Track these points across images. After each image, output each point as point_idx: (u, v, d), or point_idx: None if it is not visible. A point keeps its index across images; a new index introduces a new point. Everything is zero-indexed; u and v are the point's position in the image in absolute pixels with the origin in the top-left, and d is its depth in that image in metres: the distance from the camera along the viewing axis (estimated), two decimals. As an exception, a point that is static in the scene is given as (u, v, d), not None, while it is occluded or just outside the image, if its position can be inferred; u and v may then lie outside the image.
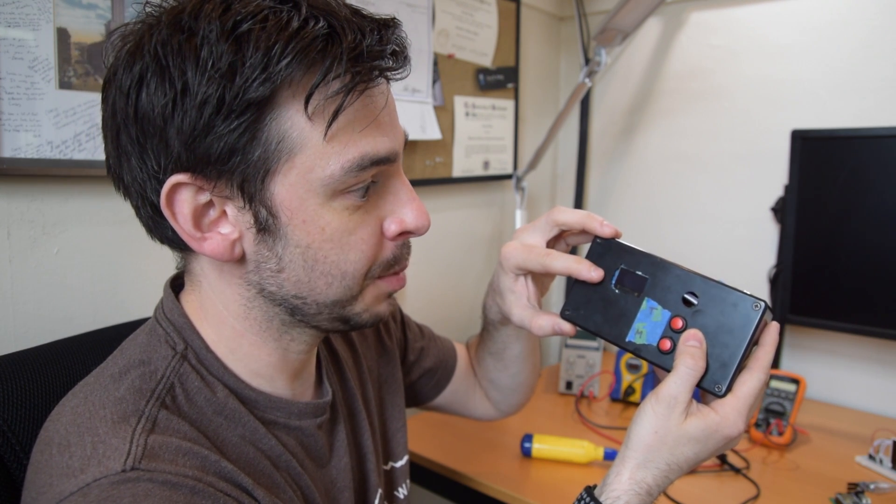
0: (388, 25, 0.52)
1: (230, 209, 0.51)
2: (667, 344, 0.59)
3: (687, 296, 0.59)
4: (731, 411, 0.56)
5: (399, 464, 0.80)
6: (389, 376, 0.83)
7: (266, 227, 0.51)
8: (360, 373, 0.77)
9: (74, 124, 0.83)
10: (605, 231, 0.64)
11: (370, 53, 0.49)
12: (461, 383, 0.93)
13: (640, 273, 0.61)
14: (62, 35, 0.81)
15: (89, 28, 0.83)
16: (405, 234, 0.58)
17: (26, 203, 0.82)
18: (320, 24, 0.48)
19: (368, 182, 0.53)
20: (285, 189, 0.50)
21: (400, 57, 0.53)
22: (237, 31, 0.46)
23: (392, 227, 0.56)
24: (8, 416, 0.59)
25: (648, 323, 0.60)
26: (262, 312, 0.56)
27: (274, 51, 0.46)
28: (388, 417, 0.81)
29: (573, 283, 0.65)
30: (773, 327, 0.58)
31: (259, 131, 0.48)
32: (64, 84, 0.82)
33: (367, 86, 0.50)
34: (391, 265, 0.58)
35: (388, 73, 0.53)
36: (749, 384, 0.56)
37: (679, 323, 0.58)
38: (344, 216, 0.53)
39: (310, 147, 0.50)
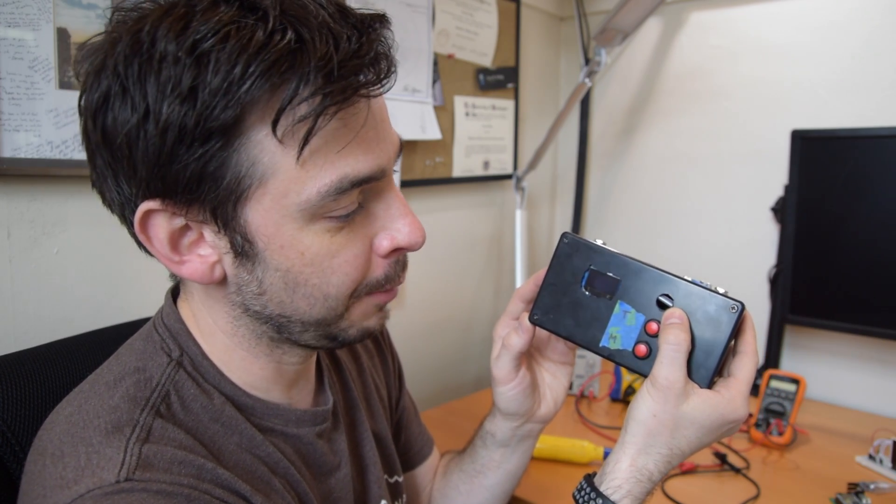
0: (370, 27, 0.48)
1: (207, 233, 0.50)
2: (642, 349, 0.57)
3: (661, 298, 0.56)
4: (737, 395, 0.54)
5: (402, 478, 0.79)
6: (391, 400, 0.82)
7: (243, 252, 0.49)
8: (365, 383, 0.76)
9: (74, 124, 0.83)
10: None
11: (344, 68, 0.45)
12: (419, 479, 0.86)
13: (611, 274, 0.58)
14: (62, 35, 0.81)
15: (89, 28, 0.83)
16: (398, 251, 0.55)
17: (26, 203, 0.82)
18: (288, 37, 0.44)
19: (355, 207, 0.50)
20: (259, 215, 0.48)
21: (382, 65, 0.48)
22: (197, 50, 0.43)
23: (384, 244, 0.53)
24: (8, 416, 0.59)
25: (622, 327, 0.58)
26: (249, 330, 0.55)
27: (234, 72, 0.43)
28: (392, 431, 0.79)
29: (541, 286, 0.62)
30: (748, 315, 0.56)
31: (227, 158, 0.45)
32: (64, 84, 0.82)
33: (339, 107, 0.46)
34: (381, 285, 0.55)
35: (365, 90, 0.47)
36: (748, 367, 0.56)
37: (654, 327, 0.56)
38: (325, 239, 0.50)
39: (282, 172, 0.47)
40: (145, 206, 0.47)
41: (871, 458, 1.08)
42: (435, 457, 0.89)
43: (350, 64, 0.45)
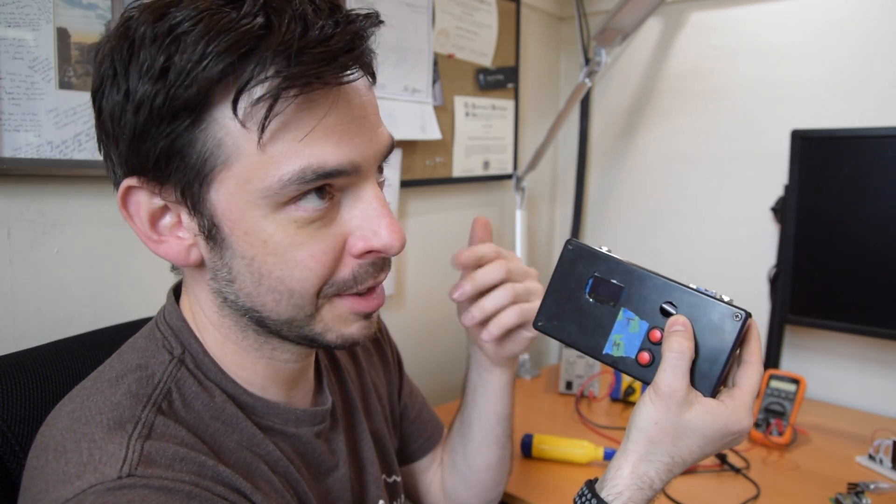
0: (352, 21, 0.48)
1: (183, 215, 0.51)
2: (646, 357, 0.56)
3: (665, 306, 0.56)
4: (741, 405, 0.54)
5: (401, 478, 0.80)
6: (392, 394, 0.82)
7: (211, 235, 0.50)
8: (363, 383, 0.76)
9: (74, 124, 0.83)
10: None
11: (305, 53, 0.45)
12: (432, 461, 0.88)
13: (615, 282, 0.58)
14: (62, 35, 0.81)
15: (89, 28, 0.83)
16: (373, 253, 0.53)
17: (26, 203, 0.82)
18: (256, 21, 0.45)
19: (325, 202, 0.50)
20: (225, 198, 0.49)
21: (350, 57, 0.47)
22: (172, 33, 0.45)
23: (358, 245, 0.52)
24: (8, 416, 0.59)
25: (626, 335, 0.57)
26: (233, 321, 0.55)
27: (196, 52, 0.44)
28: (391, 431, 0.80)
29: (546, 293, 0.62)
30: (753, 323, 0.56)
31: (195, 137, 0.47)
32: (64, 84, 0.82)
33: (300, 90, 0.46)
34: (349, 286, 0.53)
35: (330, 77, 0.47)
36: (753, 377, 0.55)
37: (658, 335, 0.56)
38: (290, 230, 0.49)
39: (245, 156, 0.47)
40: (126, 182, 0.50)
41: (871, 458, 1.08)
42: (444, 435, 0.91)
43: (315, 51, 0.46)
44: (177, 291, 0.60)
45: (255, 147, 0.47)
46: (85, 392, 0.52)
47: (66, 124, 0.82)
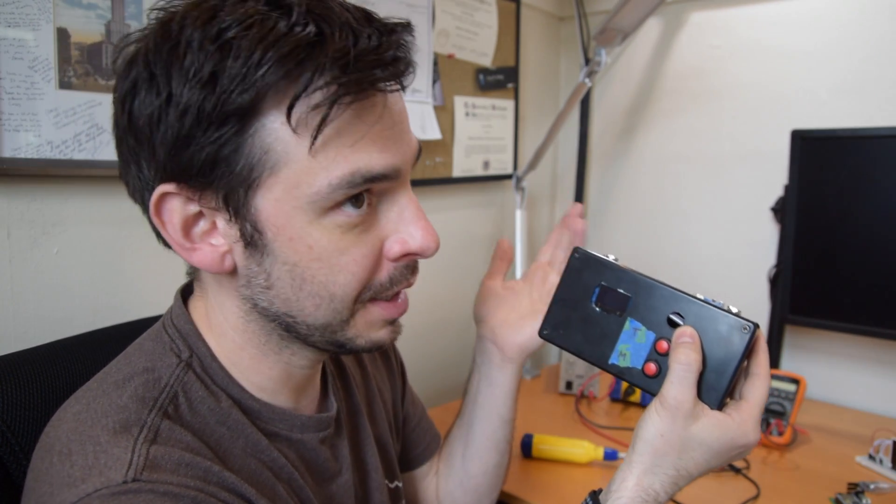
0: (392, 30, 0.49)
1: (220, 221, 0.50)
2: (652, 368, 0.56)
3: (672, 316, 0.56)
4: (748, 419, 0.54)
5: (402, 483, 0.79)
6: (395, 399, 0.82)
7: (252, 241, 0.50)
8: (368, 389, 0.76)
9: (74, 124, 0.83)
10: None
11: (360, 62, 0.46)
12: (429, 474, 0.88)
13: (621, 291, 0.58)
14: (62, 35, 0.81)
15: (89, 28, 0.83)
16: (409, 256, 0.55)
17: (26, 203, 0.82)
18: (308, 29, 0.45)
19: (367, 206, 0.51)
20: (271, 204, 0.48)
21: (400, 65, 0.49)
22: (221, 38, 0.45)
23: (395, 248, 0.54)
24: (8, 417, 0.59)
25: (632, 345, 0.57)
26: (259, 326, 0.55)
27: (253, 58, 0.44)
28: (394, 436, 0.80)
29: (552, 301, 0.62)
30: (761, 335, 0.56)
31: (242, 143, 0.46)
32: (64, 84, 0.82)
33: (354, 98, 0.47)
34: (385, 288, 0.55)
35: (382, 84, 0.49)
36: (760, 390, 0.55)
37: (664, 346, 0.55)
38: (335, 235, 0.50)
39: (295, 161, 0.47)
40: (161, 188, 0.48)
41: (871, 458, 1.08)
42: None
43: (368, 59, 0.47)
44: (184, 293, 0.60)
45: (305, 153, 0.47)
46: (91, 394, 0.52)
47: (66, 124, 0.82)
